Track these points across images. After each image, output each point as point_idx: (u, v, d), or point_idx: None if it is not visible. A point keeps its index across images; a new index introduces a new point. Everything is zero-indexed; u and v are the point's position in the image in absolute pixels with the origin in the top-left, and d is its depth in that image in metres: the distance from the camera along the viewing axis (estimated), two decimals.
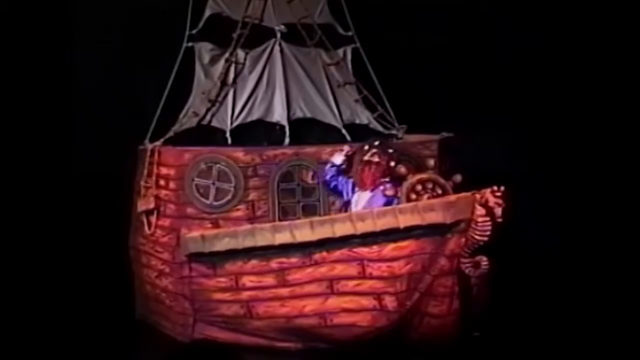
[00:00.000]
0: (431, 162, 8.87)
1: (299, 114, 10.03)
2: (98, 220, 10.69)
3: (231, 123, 9.88)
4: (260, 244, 8.64)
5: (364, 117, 10.27)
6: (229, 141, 9.77)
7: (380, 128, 10.22)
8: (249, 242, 8.68)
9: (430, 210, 8.06)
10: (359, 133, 9.93)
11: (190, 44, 10.10)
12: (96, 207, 10.78)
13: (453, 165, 9.18)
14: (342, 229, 8.33)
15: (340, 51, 10.40)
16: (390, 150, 9.11)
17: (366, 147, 9.10)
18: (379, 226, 8.20)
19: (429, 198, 8.45)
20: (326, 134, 9.98)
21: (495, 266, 8.18)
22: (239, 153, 9.21)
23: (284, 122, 9.90)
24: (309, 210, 9.19)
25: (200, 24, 10.13)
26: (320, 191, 9.24)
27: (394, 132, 10.25)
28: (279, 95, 10.01)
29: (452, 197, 8.12)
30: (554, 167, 11.36)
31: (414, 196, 8.52)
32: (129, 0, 11.21)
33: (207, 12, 10.17)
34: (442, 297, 8.22)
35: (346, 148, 9.18)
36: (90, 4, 11.15)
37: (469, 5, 11.57)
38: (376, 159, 9.00)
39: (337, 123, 10.08)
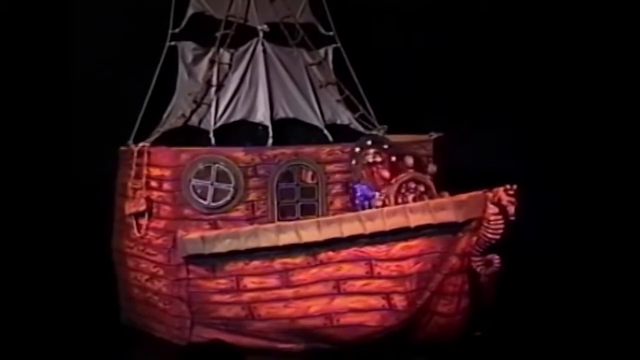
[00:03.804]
0: (434, 168, 8.89)
1: (281, 114, 9.97)
2: (81, 223, 10.46)
3: (215, 123, 9.76)
4: (264, 245, 8.55)
5: (345, 117, 10.27)
6: (212, 141, 9.64)
7: (361, 128, 10.20)
8: (251, 243, 8.59)
9: (442, 209, 8.05)
10: (341, 133, 9.92)
11: (173, 43, 9.97)
12: (78, 209, 10.55)
13: (448, 165, 9.24)
14: (350, 229, 8.29)
15: (322, 51, 10.39)
16: (386, 146, 9.14)
17: (358, 150, 9.13)
18: (388, 225, 8.16)
19: (414, 198, 8.54)
20: (309, 134, 9.91)
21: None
22: (239, 153, 9.08)
23: (267, 123, 9.82)
24: (308, 211, 9.11)
25: (183, 23, 10.01)
26: (319, 191, 9.16)
27: (374, 132, 10.26)
28: (261, 95, 9.94)
29: (464, 196, 8.08)
30: (554, 166, 11.51)
31: (403, 190, 8.60)
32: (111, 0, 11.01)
33: (190, 11, 10.07)
34: (451, 295, 8.22)
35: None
36: (77, 5, 10.99)
37: (448, 4, 11.66)
38: (378, 158, 9.02)
39: (319, 123, 10.04)
